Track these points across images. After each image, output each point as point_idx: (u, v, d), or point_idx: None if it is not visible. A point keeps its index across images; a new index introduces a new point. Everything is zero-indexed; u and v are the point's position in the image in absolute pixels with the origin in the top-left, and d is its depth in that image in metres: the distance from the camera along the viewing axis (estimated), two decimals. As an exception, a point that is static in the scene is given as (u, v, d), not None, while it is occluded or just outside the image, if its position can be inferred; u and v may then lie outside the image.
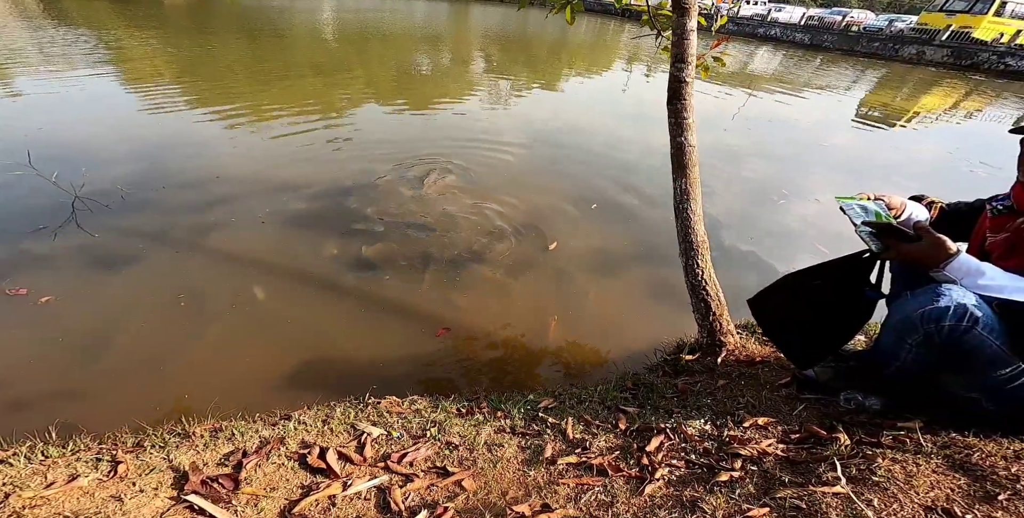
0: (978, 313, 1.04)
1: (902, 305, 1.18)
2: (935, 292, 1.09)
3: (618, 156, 5.21)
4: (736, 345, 1.99)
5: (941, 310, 1.06)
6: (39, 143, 4.06)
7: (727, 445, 1.26)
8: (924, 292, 1.12)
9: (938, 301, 1.07)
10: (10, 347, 2.08)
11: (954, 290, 1.08)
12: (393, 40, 14.30)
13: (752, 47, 21.12)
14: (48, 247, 2.77)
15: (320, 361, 2.16)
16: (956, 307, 1.04)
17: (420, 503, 1.16)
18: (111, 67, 7.56)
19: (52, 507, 1.08)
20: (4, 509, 1.06)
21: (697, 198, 1.92)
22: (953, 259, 1.10)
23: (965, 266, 1.10)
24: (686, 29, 1.74)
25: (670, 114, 1.88)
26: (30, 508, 1.07)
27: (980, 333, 1.04)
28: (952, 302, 1.05)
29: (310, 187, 3.79)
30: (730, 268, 3.11)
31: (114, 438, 1.39)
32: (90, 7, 16.08)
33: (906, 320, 1.14)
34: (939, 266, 1.12)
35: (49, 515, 1.05)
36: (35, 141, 4.13)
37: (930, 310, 1.07)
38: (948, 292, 1.07)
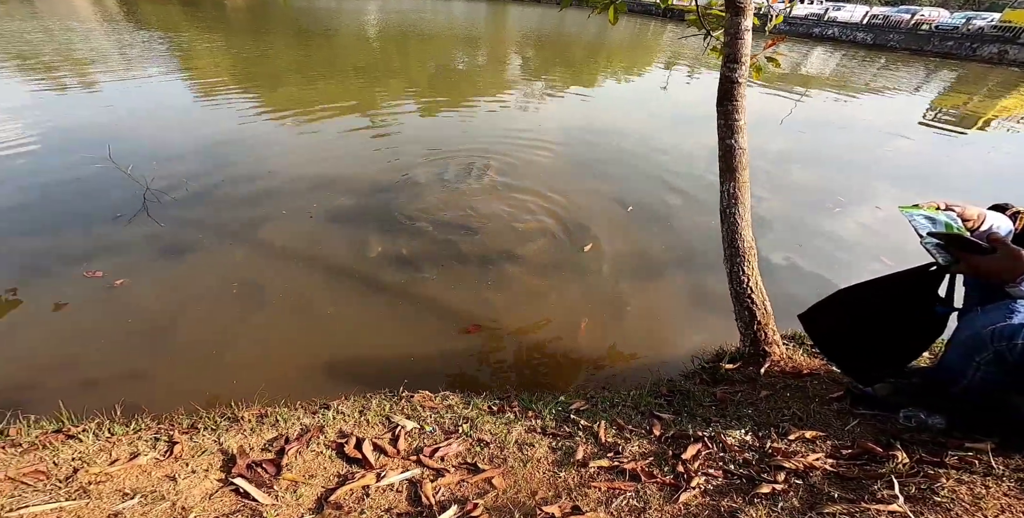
0: None
1: (972, 321, 1.11)
2: (1008, 309, 1.02)
3: (656, 157, 5.10)
4: (782, 356, 1.89)
5: (1015, 328, 0.98)
6: (117, 138, 4.44)
7: (770, 457, 1.20)
8: (996, 308, 1.05)
9: (1011, 318, 1.00)
10: (85, 327, 2.27)
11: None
12: (433, 40, 14.64)
13: (806, 48, 20.16)
14: (121, 234, 3.01)
15: (356, 353, 2.23)
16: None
17: (450, 498, 1.17)
18: (178, 67, 8.20)
19: (114, 483, 1.16)
20: (72, 483, 1.15)
21: (745, 202, 1.84)
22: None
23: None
24: (740, 29, 1.68)
25: (720, 115, 1.82)
26: (95, 484, 1.16)
27: None
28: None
29: (353, 183, 3.94)
30: (777, 276, 2.96)
31: (171, 419, 1.49)
32: (163, 10, 17.52)
33: (975, 337, 1.06)
34: (1015, 281, 1.02)
35: (111, 491, 1.14)
36: (113, 136, 4.52)
37: (1002, 327, 1.00)
38: (1022, 309, 1.00)
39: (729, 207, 1.85)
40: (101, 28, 12.25)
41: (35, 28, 11.42)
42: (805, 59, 16.25)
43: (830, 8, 25.12)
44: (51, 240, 2.90)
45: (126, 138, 4.55)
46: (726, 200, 1.86)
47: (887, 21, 22.26)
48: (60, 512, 1.07)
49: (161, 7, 18.48)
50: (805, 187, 4.58)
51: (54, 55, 8.28)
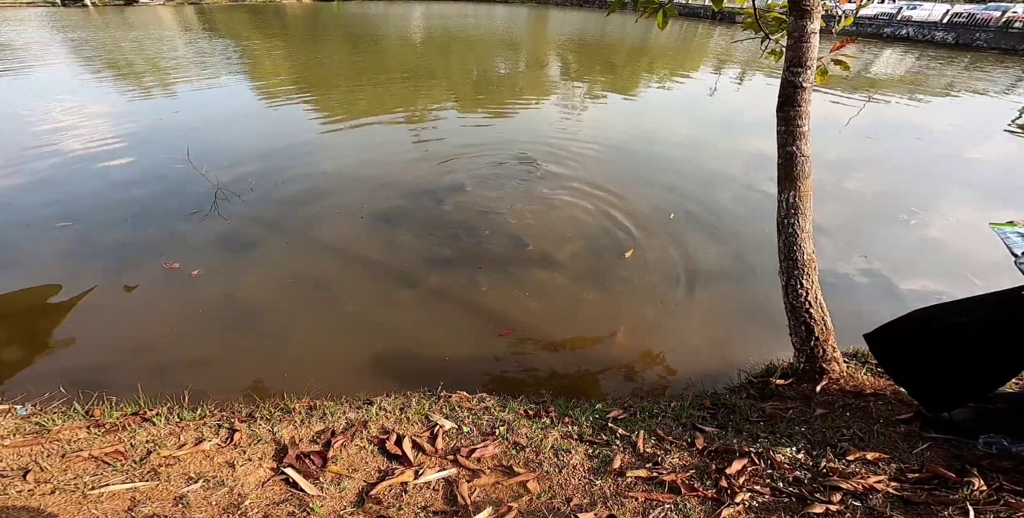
0: None
1: None
2: None
3: (701, 164, 4.94)
4: (841, 374, 1.77)
5: None
6: (193, 140, 4.89)
7: (824, 477, 1.12)
8: None
9: None
10: (161, 314, 2.49)
11: None
12: (476, 45, 15.05)
13: (876, 49, 18.94)
14: (196, 230, 3.30)
15: (397, 350, 2.30)
16: None
17: (485, 499, 1.18)
18: (245, 73, 8.96)
19: (181, 467, 1.27)
20: (145, 465, 1.26)
21: (807, 213, 1.75)
22: None
23: None
24: (806, 32, 1.62)
25: (780, 121, 1.74)
26: (165, 466, 1.27)
27: None
28: None
29: (400, 184, 4.11)
30: (840, 291, 2.77)
31: (232, 406, 1.60)
32: (232, 18, 19.27)
33: None
34: None
35: (178, 475, 1.24)
36: (191, 138, 4.97)
37: None
38: None
39: (788, 217, 1.76)
40: (181, 36, 13.67)
41: (126, 37, 12.94)
42: (874, 61, 15.24)
43: (904, 7, 23.50)
44: (135, 233, 3.22)
45: (202, 140, 4.99)
46: (784, 210, 1.77)
47: (973, 19, 20.51)
48: (134, 492, 1.17)
49: (230, 14, 20.33)
50: (872, 196, 4.25)
51: (141, 62, 9.37)
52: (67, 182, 3.95)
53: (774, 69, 11.12)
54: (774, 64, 1.92)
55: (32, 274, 2.74)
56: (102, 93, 6.95)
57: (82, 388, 1.79)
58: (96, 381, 1.94)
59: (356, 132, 5.56)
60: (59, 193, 3.74)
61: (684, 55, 15.29)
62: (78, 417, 1.51)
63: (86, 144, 4.81)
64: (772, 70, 11.22)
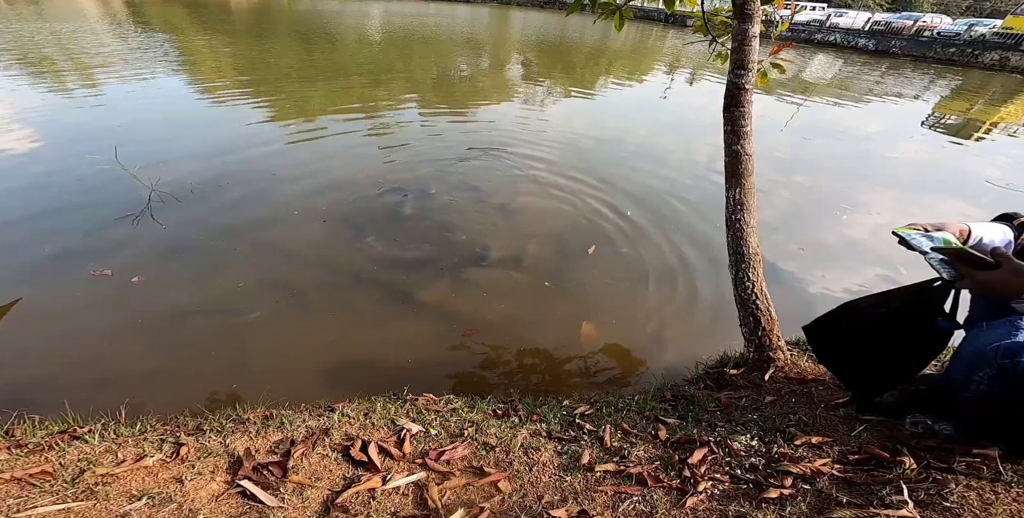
0: None
1: (976, 336, 1.12)
2: (1014, 325, 1.03)
3: (656, 163, 5.11)
4: (786, 362, 1.89)
5: (1019, 345, 0.99)
6: (123, 139, 4.47)
7: (776, 462, 1.19)
8: (1002, 324, 1.06)
9: (1016, 335, 1.01)
10: (91, 326, 2.28)
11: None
12: (436, 44, 14.73)
13: (809, 53, 20.27)
14: (127, 235, 3.02)
15: (359, 356, 2.23)
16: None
17: (457, 502, 1.17)
18: (183, 70, 8.26)
19: (121, 485, 1.16)
20: (79, 484, 1.15)
21: (751, 209, 1.85)
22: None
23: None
24: (748, 35, 1.69)
25: (726, 121, 1.82)
26: (102, 485, 1.15)
27: None
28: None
29: (356, 185, 3.95)
30: (782, 283, 2.97)
31: (177, 420, 1.49)
32: (168, 12, 17.69)
33: (979, 353, 1.07)
34: (1020, 296, 1.02)
35: (118, 493, 1.13)
36: (120, 138, 4.54)
37: (1008, 345, 1.01)
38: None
39: (735, 213, 1.86)
40: (108, 31, 12.38)
41: (41, 29, 11.56)
42: (807, 65, 16.33)
43: (832, 14, 25.27)
44: (58, 240, 2.92)
45: (132, 140, 4.58)
46: (732, 206, 1.86)
47: (889, 27, 22.39)
48: (68, 513, 1.06)
49: (166, 9, 18.68)
50: (808, 193, 4.58)
51: (62, 57, 8.38)
52: None
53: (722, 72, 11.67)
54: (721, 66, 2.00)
55: None
56: (12, 89, 6.15)
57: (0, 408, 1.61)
58: (18, 399, 1.74)
59: (310, 132, 5.30)
60: None
61: (640, 57, 15.67)
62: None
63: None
64: (722, 72, 11.73)
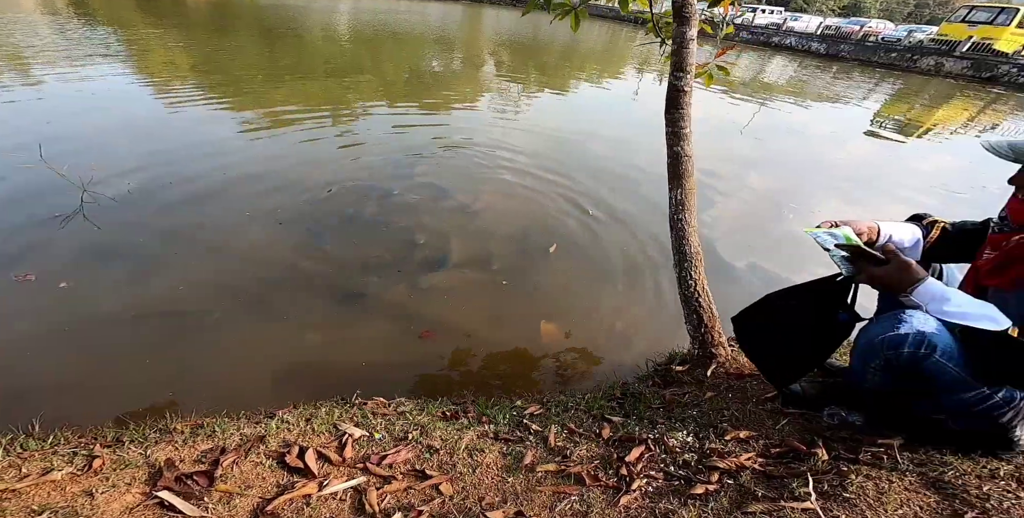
0: (936, 341, 1.04)
1: (867, 330, 1.20)
2: (897, 318, 1.10)
3: (619, 163, 5.20)
4: (727, 357, 1.97)
5: (901, 337, 1.07)
6: (50, 137, 4.09)
7: (707, 458, 1.25)
8: (887, 318, 1.14)
9: (899, 327, 1.08)
10: (10, 335, 2.09)
11: (915, 316, 1.08)
12: (406, 42, 14.40)
13: (767, 56, 21.02)
14: (55, 238, 2.79)
15: (309, 360, 2.16)
16: (915, 334, 1.05)
17: (395, 505, 1.16)
18: (127, 64, 7.65)
19: (21, 500, 1.08)
20: (-26, 501, 1.07)
21: (692, 209, 1.91)
22: (919, 284, 1.10)
23: (931, 291, 1.09)
24: (685, 38, 1.74)
25: (667, 123, 1.87)
26: (3, 500, 1.07)
27: (939, 360, 1.05)
28: (912, 329, 1.06)
29: (305, 185, 3.81)
30: (726, 281, 3.08)
31: (95, 432, 1.40)
32: (114, 4, 16.42)
33: (868, 345, 1.15)
34: (906, 291, 1.11)
35: (17, 509, 1.05)
36: (46, 135, 4.15)
37: (891, 337, 1.08)
38: (909, 319, 1.08)
39: (677, 213, 1.91)
40: (43, 22, 11.38)
41: None
42: (766, 67, 16.94)
43: (788, 18, 26.27)
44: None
45: (60, 137, 4.21)
46: (674, 207, 1.92)
47: (838, 32, 23.49)
48: (-42, 534, 0.99)
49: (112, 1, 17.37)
50: (759, 192, 4.79)
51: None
52: None
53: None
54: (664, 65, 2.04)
55: None
56: None
57: None
58: None
59: (267, 131, 5.04)
60: None
61: (608, 57, 15.80)
62: None
63: None
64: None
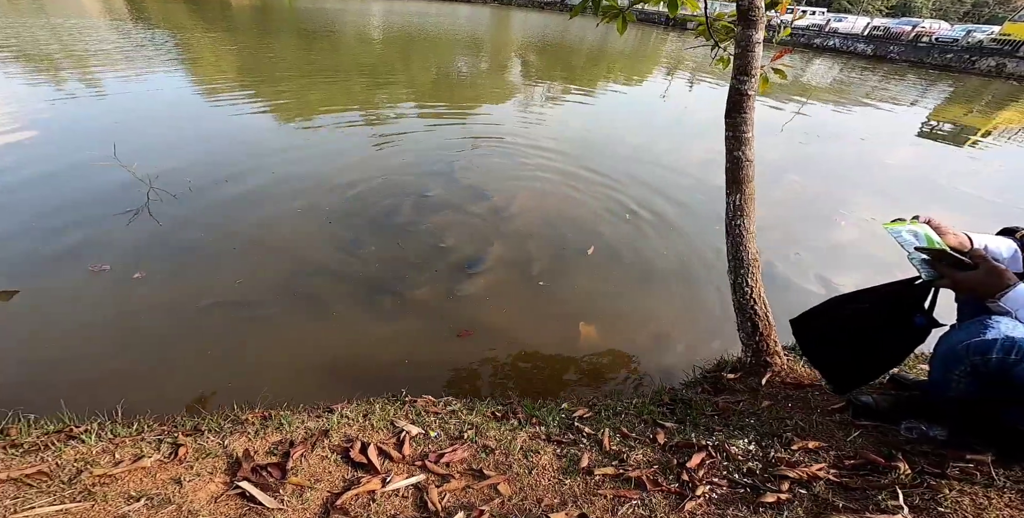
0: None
1: (949, 336, 1.15)
2: (983, 324, 1.05)
3: (656, 166, 5.13)
4: (783, 367, 1.91)
5: (988, 343, 1.02)
6: (119, 136, 4.44)
7: (773, 466, 1.21)
8: (972, 323, 1.08)
9: (985, 333, 1.03)
10: (89, 323, 2.26)
11: (1003, 322, 1.03)
12: (436, 43, 14.72)
13: (807, 58, 20.38)
14: (124, 232, 3.01)
15: (356, 356, 2.23)
16: (1003, 340, 1.00)
17: (456, 504, 1.17)
18: (183, 66, 8.25)
19: (119, 485, 1.15)
20: (76, 485, 1.14)
21: (750, 215, 1.86)
22: (1010, 289, 1.04)
23: (1022, 298, 1.04)
24: (752, 41, 1.70)
25: (728, 127, 1.83)
26: (100, 485, 1.15)
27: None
28: (1000, 334, 1.01)
29: (353, 185, 3.95)
30: (780, 288, 2.99)
31: (173, 420, 1.48)
32: (169, 9, 17.69)
33: (951, 351, 1.10)
34: (994, 297, 1.06)
35: (116, 494, 1.13)
36: (116, 134, 4.51)
37: (976, 342, 1.03)
38: (996, 324, 1.03)
39: (735, 219, 1.87)
40: (107, 26, 12.32)
41: (42, 25, 11.49)
42: (806, 69, 16.41)
43: (831, 19, 25.41)
44: (55, 235, 2.90)
45: (131, 137, 4.56)
46: (732, 212, 1.88)
47: (888, 33, 22.52)
48: (66, 514, 1.05)
49: (166, 5, 18.65)
50: (805, 198, 4.61)
51: (61, 53, 8.32)
52: None
53: (723, 76, 11.70)
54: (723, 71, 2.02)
55: None
56: (11, 86, 6.12)
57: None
58: (14, 397, 1.73)
59: (308, 131, 5.29)
60: None
61: (640, 60, 15.69)
62: (-10, 438, 1.34)
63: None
64: (721, 76, 11.79)
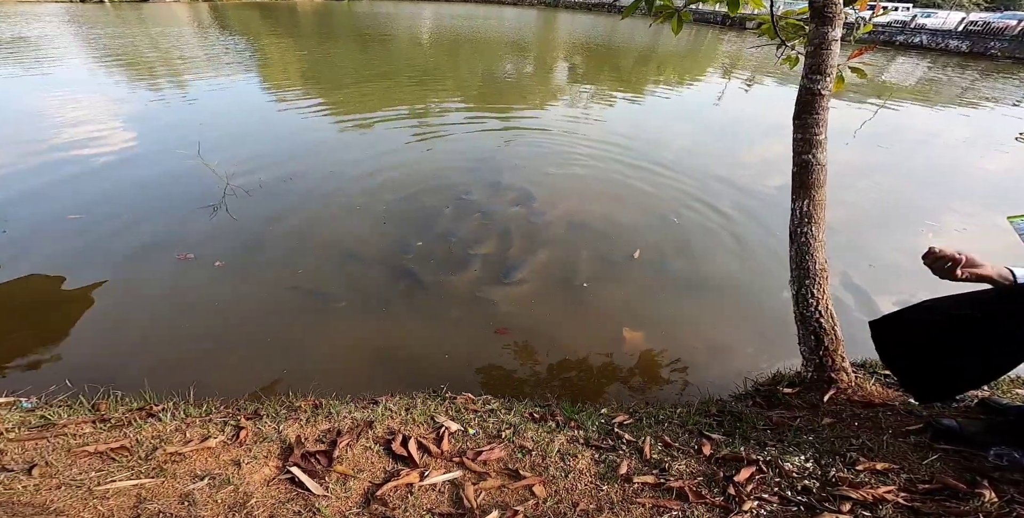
0: None
1: None
2: None
3: (708, 169, 4.93)
4: (850, 384, 1.76)
5: None
6: (203, 136, 4.92)
7: (834, 486, 1.11)
8: None
9: None
10: (170, 308, 2.49)
11: None
12: (484, 46, 15.07)
13: (888, 56, 18.88)
14: (204, 225, 3.31)
15: (400, 351, 2.30)
16: None
17: (491, 503, 1.17)
18: (255, 71, 9.03)
19: (187, 464, 1.26)
20: (151, 461, 1.26)
21: (820, 222, 1.74)
22: None
23: None
24: (827, 39, 1.61)
25: (797, 129, 1.73)
26: (171, 463, 1.26)
27: None
28: None
29: (405, 183, 4.12)
30: (847, 301, 2.76)
31: (237, 404, 1.60)
32: (244, 15, 19.62)
33: None
34: None
35: (184, 472, 1.23)
36: (201, 134, 5.00)
37: None
38: None
39: (801, 226, 1.76)
40: (194, 33, 13.86)
41: (143, 34, 13.10)
42: (886, 68, 15.19)
43: (918, 15, 23.43)
44: (145, 226, 3.25)
45: (211, 137, 5.02)
46: (798, 218, 1.76)
47: (988, 28, 20.38)
48: (140, 489, 1.16)
49: (243, 12, 20.75)
50: (882, 205, 4.23)
51: (156, 59, 9.50)
52: (78, 175, 3.98)
53: (785, 75, 11.12)
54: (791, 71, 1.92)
55: (42, 265, 2.76)
56: (114, 89, 7.04)
57: (88, 382, 1.79)
58: (102, 375, 1.94)
59: (366, 132, 5.59)
60: (70, 186, 3.77)
61: (694, 60, 15.25)
62: (84, 411, 1.51)
63: (98, 138, 4.86)
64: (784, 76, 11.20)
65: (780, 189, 4.39)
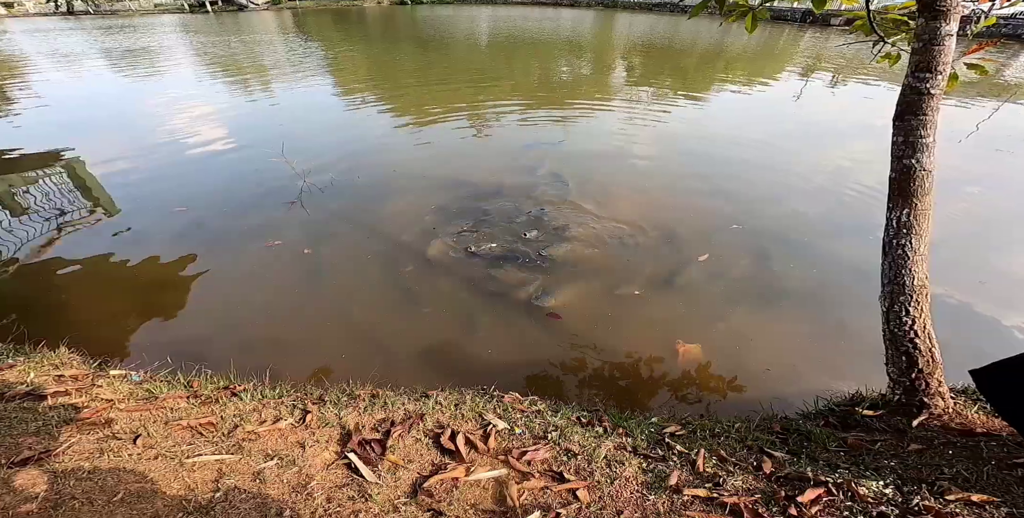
0: None
1: None
2: None
3: (782, 175, 4.61)
4: (946, 410, 1.57)
5: None
6: (285, 136, 5.40)
7: (916, 515, 0.99)
8: None
9: None
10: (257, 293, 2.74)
11: None
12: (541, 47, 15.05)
13: (1012, 51, 16.54)
14: (289, 217, 3.63)
15: (451, 346, 2.36)
16: None
17: (534, 503, 1.18)
18: (330, 76, 9.79)
19: (260, 443, 1.39)
20: (232, 438, 1.39)
21: (921, 234, 1.56)
22: None
23: None
24: (939, 34, 1.46)
25: (898, 131, 1.58)
26: (248, 441, 1.39)
27: None
28: None
29: (468, 184, 4.24)
30: (948, 321, 2.43)
31: (304, 388, 1.73)
32: (321, 21, 21.85)
33: None
34: None
35: (258, 450, 1.36)
36: (283, 134, 5.51)
37: None
38: None
39: (898, 237, 1.59)
40: (279, 38, 15.55)
41: (238, 41, 14.82)
42: (1009, 64, 13.33)
43: (1048, 4, 20.40)
44: (239, 218, 3.63)
45: (292, 137, 5.49)
46: (894, 229, 1.60)
47: None
48: (221, 464, 1.30)
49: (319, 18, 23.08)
50: (998, 216, 3.68)
51: (248, 63, 10.66)
52: (182, 172, 4.56)
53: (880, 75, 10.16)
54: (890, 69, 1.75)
55: (154, 252, 3.15)
56: (214, 92, 7.98)
57: (185, 359, 2.02)
58: (198, 353, 2.19)
59: (424, 129, 5.89)
60: (176, 181, 4.31)
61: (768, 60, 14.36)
62: (180, 387, 1.71)
63: (199, 138, 5.53)
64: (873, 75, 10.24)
65: (866, 195, 4.01)
